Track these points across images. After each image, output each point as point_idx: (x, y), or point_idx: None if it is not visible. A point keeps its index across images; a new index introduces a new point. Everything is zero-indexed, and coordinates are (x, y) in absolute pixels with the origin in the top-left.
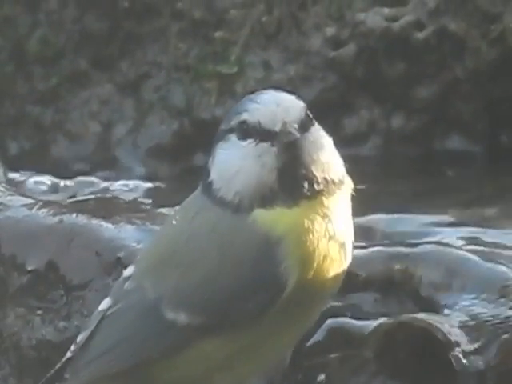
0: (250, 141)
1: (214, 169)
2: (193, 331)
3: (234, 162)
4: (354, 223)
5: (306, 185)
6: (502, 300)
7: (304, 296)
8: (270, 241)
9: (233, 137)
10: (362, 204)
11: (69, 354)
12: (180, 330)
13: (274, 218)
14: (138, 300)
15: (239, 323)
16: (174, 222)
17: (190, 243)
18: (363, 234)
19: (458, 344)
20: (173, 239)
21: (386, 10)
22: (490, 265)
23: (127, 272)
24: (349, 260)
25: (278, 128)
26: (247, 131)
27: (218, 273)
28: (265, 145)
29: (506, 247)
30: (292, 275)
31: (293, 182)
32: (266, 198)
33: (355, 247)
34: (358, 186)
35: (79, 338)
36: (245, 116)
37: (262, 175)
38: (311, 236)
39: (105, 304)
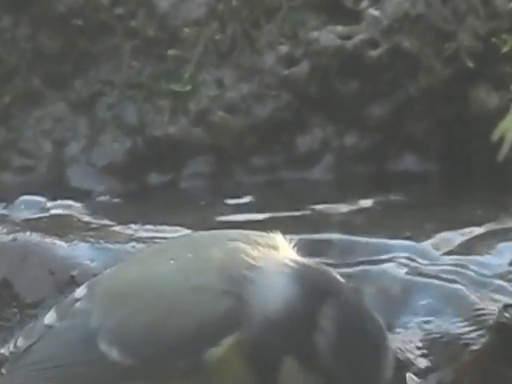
0: None
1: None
2: (120, 370)
3: None
4: (309, 239)
5: None
6: (457, 318)
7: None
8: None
9: None
10: (315, 221)
11: (6, 353)
12: (109, 366)
13: None
14: (79, 323)
15: (166, 378)
16: (146, 257)
17: (145, 286)
18: (317, 252)
19: (412, 362)
20: (134, 274)
21: (340, 29)
22: (444, 283)
23: (79, 293)
24: None
25: None
26: None
27: (161, 325)
28: None
29: (460, 265)
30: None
31: None
32: None
33: None
34: (311, 206)
35: (20, 343)
36: None
37: None
38: None
39: (50, 318)
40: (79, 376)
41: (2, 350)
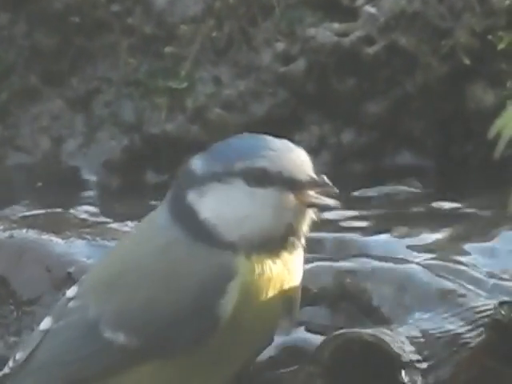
0: (271, 189)
1: (209, 208)
2: (129, 353)
3: (244, 207)
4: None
5: (301, 240)
6: (453, 316)
7: (239, 335)
8: (224, 274)
9: (237, 181)
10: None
11: (6, 370)
12: (117, 351)
13: (248, 263)
14: (78, 317)
15: (175, 350)
16: (126, 242)
17: (139, 265)
18: (314, 248)
19: (408, 359)
20: (123, 260)
21: (336, 26)
22: (441, 281)
23: (70, 293)
24: (296, 312)
25: (304, 178)
26: (266, 179)
27: (162, 297)
28: (290, 196)
29: (456, 262)
30: (232, 311)
31: (294, 236)
32: (263, 246)
33: (307, 260)
34: None
35: (18, 356)
36: (262, 163)
37: (278, 226)
38: (268, 286)
39: (46, 324)
40: (89, 368)
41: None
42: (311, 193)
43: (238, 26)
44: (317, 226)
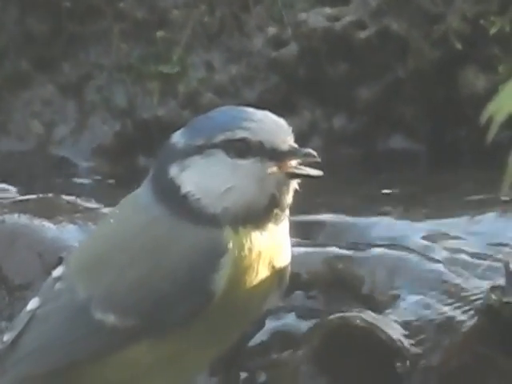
0: (252, 160)
1: (191, 181)
2: (121, 334)
3: (227, 179)
4: (298, 221)
5: (285, 212)
6: (444, 300)
7: (231, 309)
8: (216, 249)
9: (219, 153)
10: (304, 203)
11: None
12: (108, 332)
13: (236, 237)
14: (67, 300)
15: (167, 328)
16: (109, 222)
17: (125, 244)
18: (306, 233)
19: (400, 344)
20: (108, 239)
21: (328, 10)
22: (433, 265)
23: (56, 273)
24: (285, 286)
25: (286, 148)
26: (247, 150)
27: (152, 275)
28: (272, 166)
29: (448, 247)
30: (225, 286)
31: (278, 208)
32: (248, 218)
33: (298, 245)
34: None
35: (6, 338)
36: (243, 134)
37: (261, 197)
38: (258, 259)
39: (33, 304)
40: (81, 351)
41: None
42: (293, 163)
43: (230, 11)
44: (307, 210)
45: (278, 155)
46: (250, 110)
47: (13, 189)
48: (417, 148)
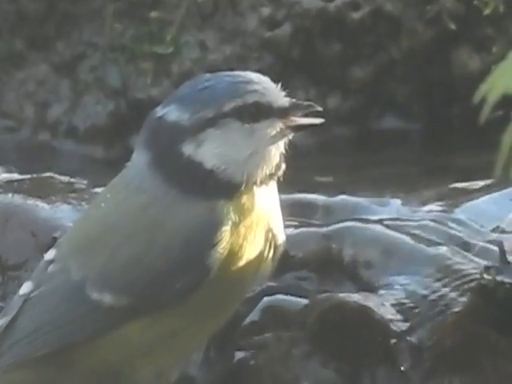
0: (266, 122)
1: (213, 154)
2: (117, 313)
3: (247, 145)
4: (292, 201)
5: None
6: (438, 280)
7: (227, 285)
8: (215, 220)
9: (232, 121)
10: (298, 182)
11: None
12: (104, 312)
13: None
14: (62, 282)
15: (164, 305)
16: (101, 203)
17: (120, 223)
18: (299, 213)
19: (393, 324)
20: (101, 220)
21: None
22: (425, 244)
23: (48, 255)
24: (278, 254)
25: (288, 104)
26: (258, 113)
27: (147, 253)
28: (281, 124)
29: (443, 226)
30: (220, 260)
31: (282, 164)
32: (264, 179)
33: (292, 226)
34: (294, 167)
35: (0, 322)
36: (252, 97)
37: (276, 156)
38: (257, 220)
39: (26, 288)
40: (77, 331)
41: None
42: (295, 117)
43: None
44: (301, 189)
45: (283, 112)
46: (243, 73)
47: (7, 169)
48: (410, 127)
